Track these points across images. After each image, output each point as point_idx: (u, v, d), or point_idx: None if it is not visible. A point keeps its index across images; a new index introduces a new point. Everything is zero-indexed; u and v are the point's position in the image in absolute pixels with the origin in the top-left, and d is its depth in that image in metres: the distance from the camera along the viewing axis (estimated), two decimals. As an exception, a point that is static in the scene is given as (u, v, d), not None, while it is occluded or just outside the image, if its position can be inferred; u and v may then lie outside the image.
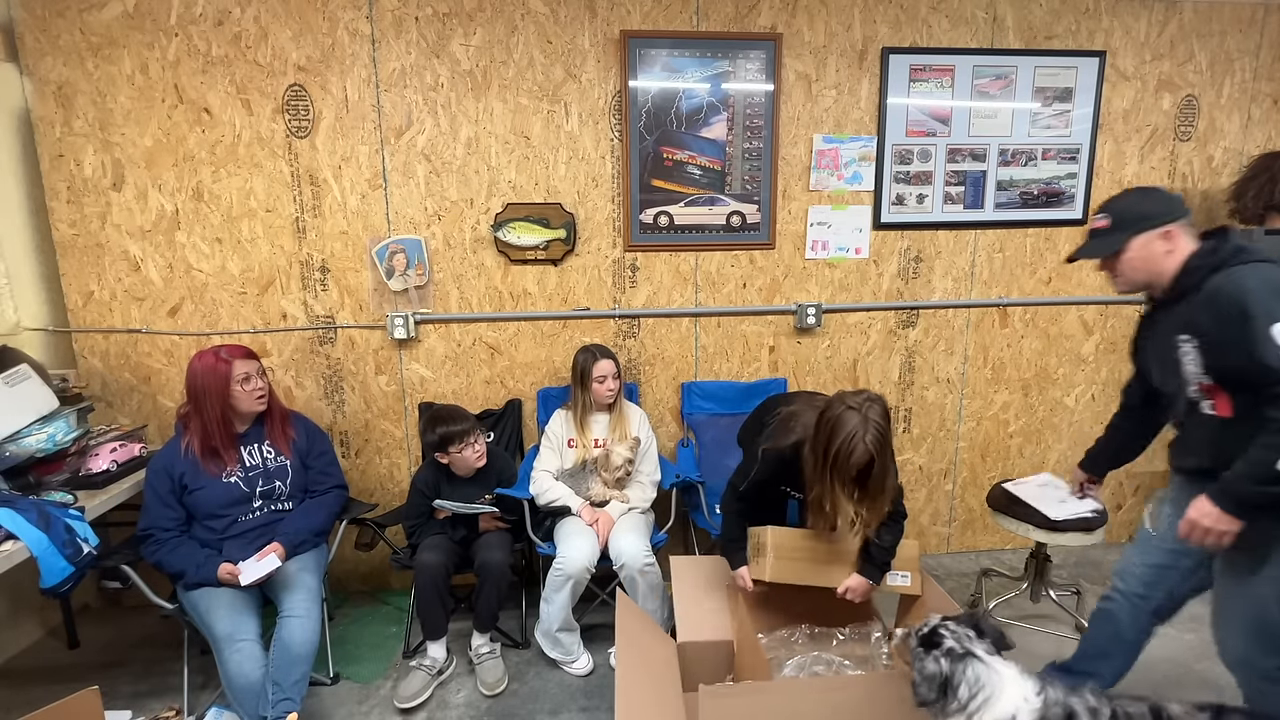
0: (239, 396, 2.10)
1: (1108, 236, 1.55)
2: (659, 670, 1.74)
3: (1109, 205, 1.59)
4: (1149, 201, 1.54)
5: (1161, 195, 1.56)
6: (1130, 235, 1.52)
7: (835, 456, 1.64)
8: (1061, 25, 2.76)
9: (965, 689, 1.21)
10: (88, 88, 2.40)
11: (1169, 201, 1.54)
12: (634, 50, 2.55)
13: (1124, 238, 1.53)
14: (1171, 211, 1.51)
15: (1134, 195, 1.58)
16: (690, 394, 2.82)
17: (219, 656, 1.90)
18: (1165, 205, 1.52)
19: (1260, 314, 1.34)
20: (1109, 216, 1.57)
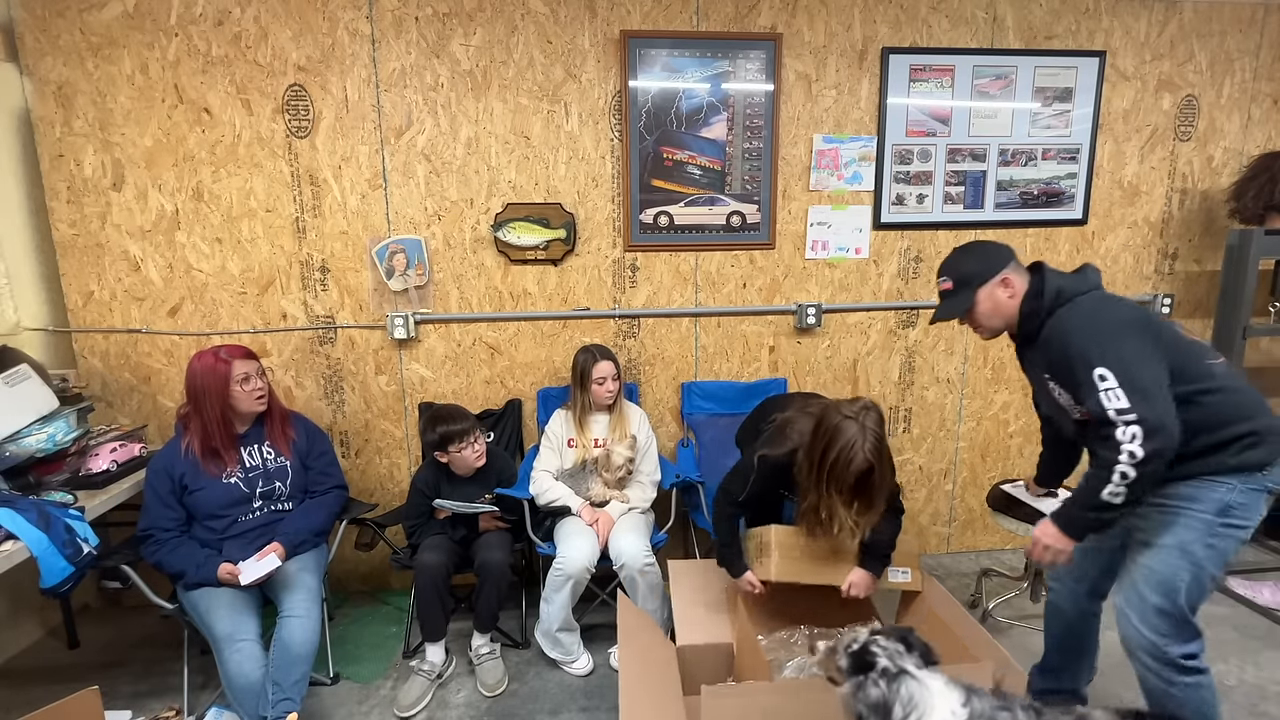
0: (238, 397, 2.10)
1: (956, 296, 1.66)
2: (660, 673, 1.73)
3: (946, 268, 1.70)
4: (979, 257, 1.66)
5: (988, 248, 1.68)
6: (974, 290, 1.64)
7: (833, 466, 1.66)
8: (1061, 25, 2.76)
9: (899, 709, 1.18)
10: (88, 88, 2.40)
11: (996, 252, 1.66)
12: (634, 50, 2.55)
13: (970, 294, 1.64)
14: (1001, 259, 1.64)
15: (964, 255, 1.70)
16: (690, 394, 2.82)
17: (219, 656, 1.90)
18: (995, 256, 1.65)
19: (1080, 361, 1.44)
20: (949, 279, 1.68)
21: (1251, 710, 2.09)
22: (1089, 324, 1.48)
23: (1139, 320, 1.49)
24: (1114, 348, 1.42)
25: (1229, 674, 2.25)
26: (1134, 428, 1.36)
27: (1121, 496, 1.39)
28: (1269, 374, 3.15)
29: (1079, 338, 1.47)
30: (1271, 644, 2.42)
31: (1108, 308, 1.52)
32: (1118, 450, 1.37)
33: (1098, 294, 1.56)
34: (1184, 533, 1.51)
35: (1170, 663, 1.54)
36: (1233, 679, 2.23)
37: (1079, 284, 1.57)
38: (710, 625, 1.98)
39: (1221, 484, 1.47)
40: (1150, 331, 1.48)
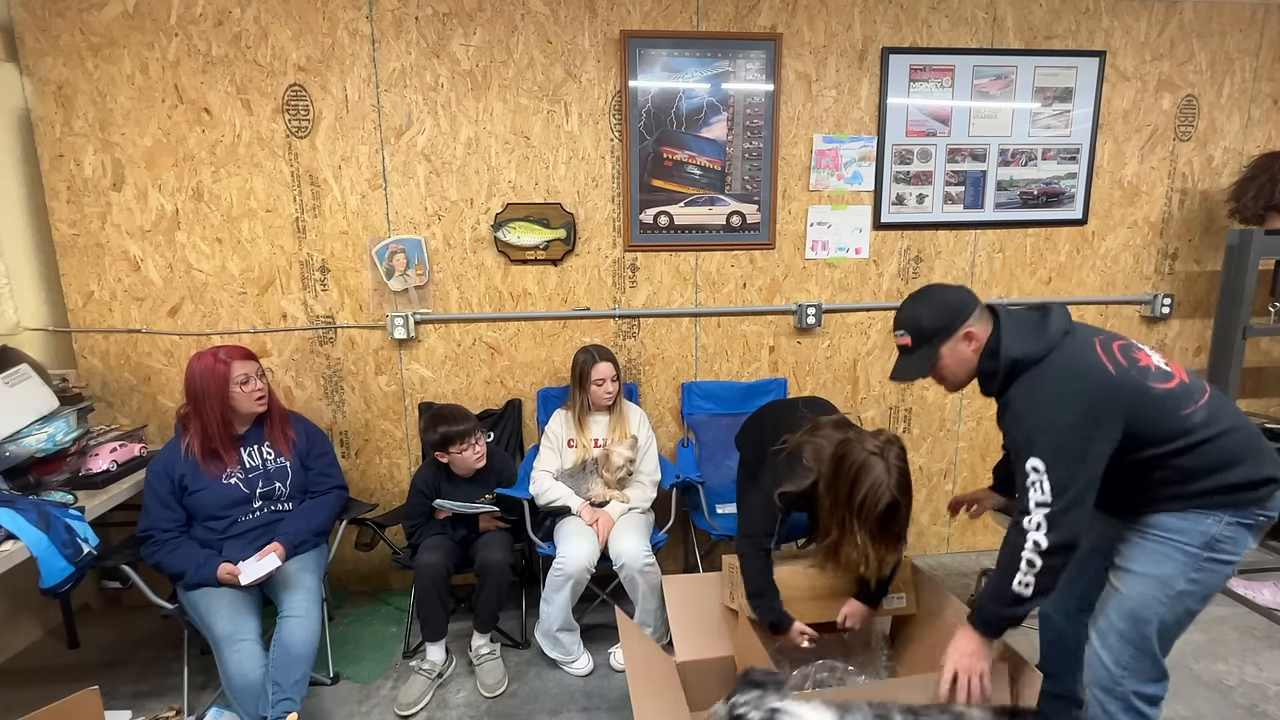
0: (238, 398, 2.10)
1: (917, 353, 1.55)
2: (665, 691, 1.73)
3: (903, 322, 1.57)
4: (940, 310, 1.52)
5: (949, 297, 1.54)
6: (937, 347, 1.52)
7: (860, 505, 1.60)
8: (1061, 25, 2.76)
9: None
10: (88, 88, 2.40)
11: (958, 301, 1.53)
12: (634, 50, 2.55)
13: (933, 351, 1.52)
14: (963, 311, 1.51)
15: (923, 306, 1.55)
16: (690, 394, 2.82)
17: (219, 656, 1.90)
18: (957, 307, 1.52)
19: (1022, 445, 1.40)
20: (908, 334, 1.56)
21: (1251, 710, 2.09)
22: (1038, 409, 1.40)
23: (1094, 403, 1.37)
24: (1055, 442, 1.36)
25: (1229, 674, 2.26)
26: (1043, 520, 1.35)
27: (1030, 587, 1.38)
28: (1269, 374, 3.16)
29: (1026, 423, 1.40)
30: (1271, 644, 2.42)
31: (1064, 385, 1.39)
32: (1024, 536, 1.38)
33: (1057, 362, 1.42)
34: (1166, 565, 1.44)
35: (1122, 698, 1.48)
36: (1233, 679, 2.23)
37: (1038, 345, 1.43)
38: (709, 640, 1.97)
39: (1209, 515, 1.41)
40: (1106, 415, 1.37)
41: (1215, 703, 2.12)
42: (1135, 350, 1.47)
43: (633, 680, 1.62)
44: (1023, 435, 1.41)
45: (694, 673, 1.89)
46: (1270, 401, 3.18)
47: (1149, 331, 3.06)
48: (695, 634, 1.98)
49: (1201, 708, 2.10)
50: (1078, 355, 1.43)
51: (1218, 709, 2.10)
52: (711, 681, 1.89)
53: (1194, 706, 2.10)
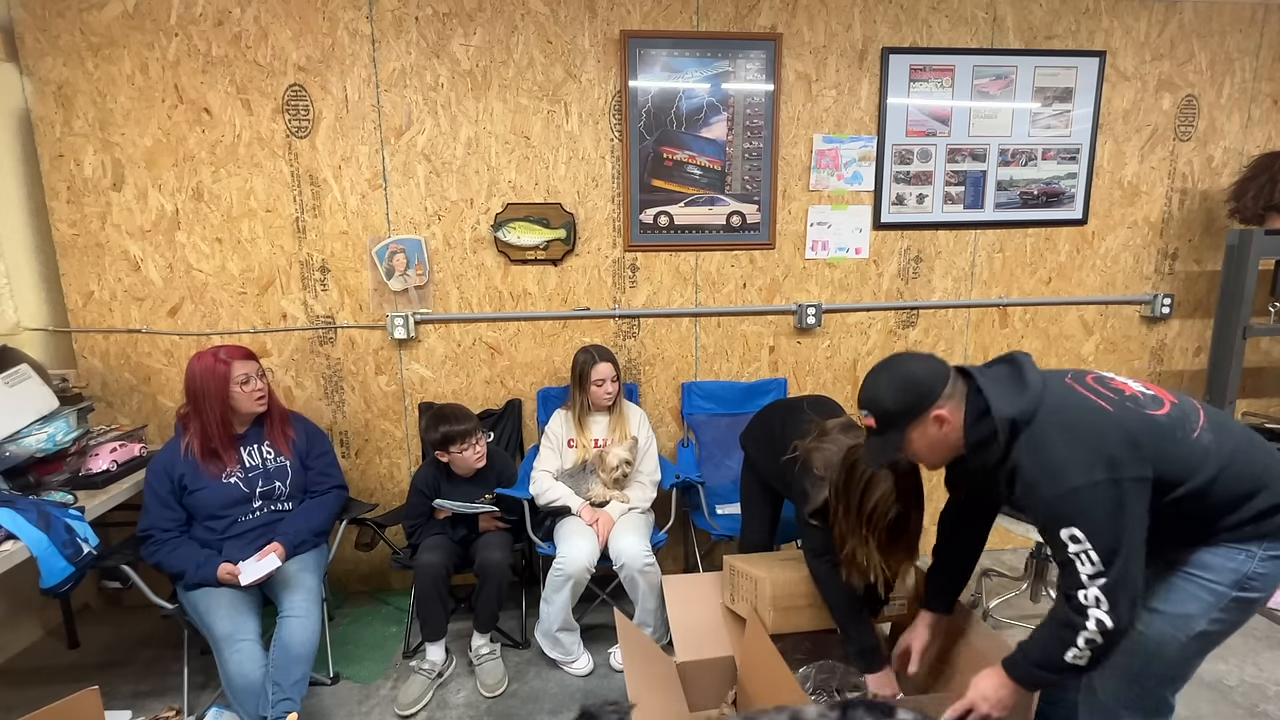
0: (238, 398, 2.10)
1: (884, 437, 1.41)
2: (665, 691, 1.73)
3: (867, 401, 1.42)
4: (905, 391, 1.36)
5: (915, 376, 1.37)
6: (904, 431, 1.38)
7: (871, 515, 1.58)
8: (1061, 25, 2.76)
9: None
10: (88, 88, 2.40)
11: (925, 380, 1.36)
12: (634, 50, 2.55)
13: (899, 435, 1.39)
14: (931, 391, 1.35)
15: (888, 385, 1.39)
16: (690, 394, 2.82)
17: (219, 656, 1.90)
18: (923, 388, 1.35)
19: (1048, 518, 1.26)
20: (873, 415, 1.41)
21: (1251, 710, 2.09)
22: (1053, 471, 1.24)
23: (1109, 447, 1.23)
24: (1086, 503, 1.21)
25: (1229, 674, 2.26)
26: (1101, 595, 1.21)
27: (1086, 660, 1.25)
28: (1269, 374, 3.16)
29: (1045, 490, 1.25)
30: (1271, 644, 2.42)
31: (1071, 436, 1.25)
32: (1083, 614, 1.23)
33: (1052, 414, 1.28)
34: (1190, 604, 1.32)
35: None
36: (1233, 679, 2.23)
37: (1026, 398, 1.29)
38: (709, 640, 1.96)
39: (1241, 550, 1.29)
40: (1126, 457, 1.23)
41: (1215, 703, 2.12)
42: (1111, 381, 1.37)
43: (631, 682, 1.62)
44: (1044, 504, 1.26)
45: (694, 673, 1.88)
46: (1270, 401, 3.17)
47: (1149, 331, 3.06)
48: (695, 634, 1.97)
49: (1201, 708, 2.10)
50: (1068, 401, 1.31)
51: (1218, 709, 2.10)
52: (712, 682, 1.89)
53: (1194, 706, 2.10)
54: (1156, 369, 3.10)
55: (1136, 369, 3.08)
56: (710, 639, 1.97)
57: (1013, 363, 1.39)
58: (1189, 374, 3.12)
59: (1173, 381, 3.12)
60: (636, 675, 1.65)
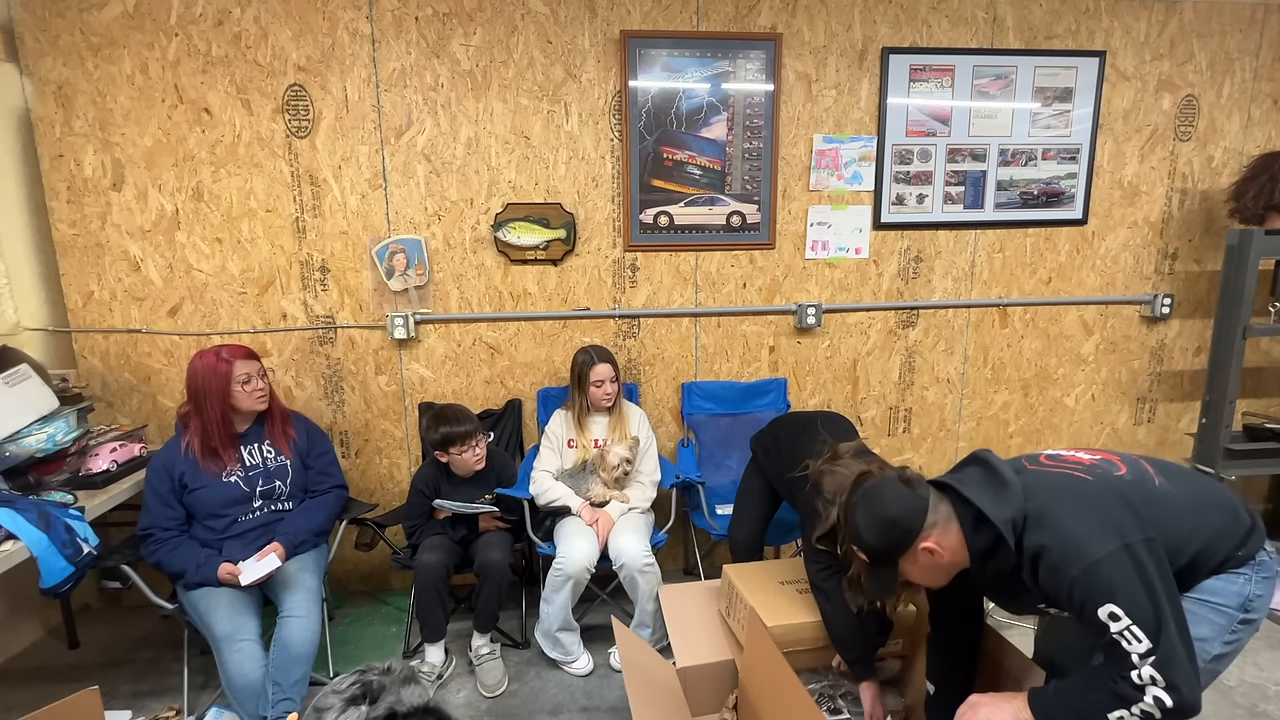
0: (239, 397, 2.10)
1: (878, 573, 1.39)
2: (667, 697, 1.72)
3: (854, 536, 1.40)
4: (887, 528, 1.34)
5: (894, 520, 1.33)
6: (894, 564, 1.37)
7: None
8: (1061, 25, 2.76)
9: None
10: (88, 88, 2.40)
11: (904, 516, 1.32)
12: (634, 50, 2.55)
13: (893, 570, 1.38)
14: (911, 526, 1.32)
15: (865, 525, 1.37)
16: (691, 394, 2.82)
17: (219, 656, 1.90)
18: (904, 525, 1.32)
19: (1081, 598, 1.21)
20: (864, 549, 1.39)
21: (1251, 710, 2.09)
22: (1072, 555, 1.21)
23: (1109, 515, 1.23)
24: (1114, 577, 1.18)
25: (1229, 674, 2.25)
26: (1156, 674, 1.15)
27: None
28: (1269, 374, 3.16)
29: (1073, 569, 1.21)
30: (1271, 644, 2.42)
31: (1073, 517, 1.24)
32: (1142, 693, 1.17)
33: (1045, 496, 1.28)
34: (1204, 628, 1.31)
35: None
36: (1233, 679, 2.23)
37: (1013, 498, 1.28)
38: (707, 644, 1.95)
39: (1240, 575, 1.32)
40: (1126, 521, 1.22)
41: (1215, 703, 2.12)
42: (1064, 456, 1.39)
43: (632, 688, 1.61)
44: (1074, 585, 1.21)
45: (694, 678, 1.87)
46: (1270, 401, 3.17)
47: (1149, 331, 3.06)
48: (694, 641, 1.96)
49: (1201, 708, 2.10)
50: (1049, 482, 1.32)
51: (1218, 709, 2.10)
52: (713, 686, 1.88)
53: (1194, 706, 2.10)
54: (1156, 369, 3.10)
55: (1136, 369, 3.09)
56: (709, 646, 1.96)
57: (981, 462, 1.38)
58: (1189, 374, 3.12)
59: (1173, 381, 3.13)
60: (637, 681, 1.65)
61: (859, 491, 1.42)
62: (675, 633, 1.98)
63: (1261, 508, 3.31)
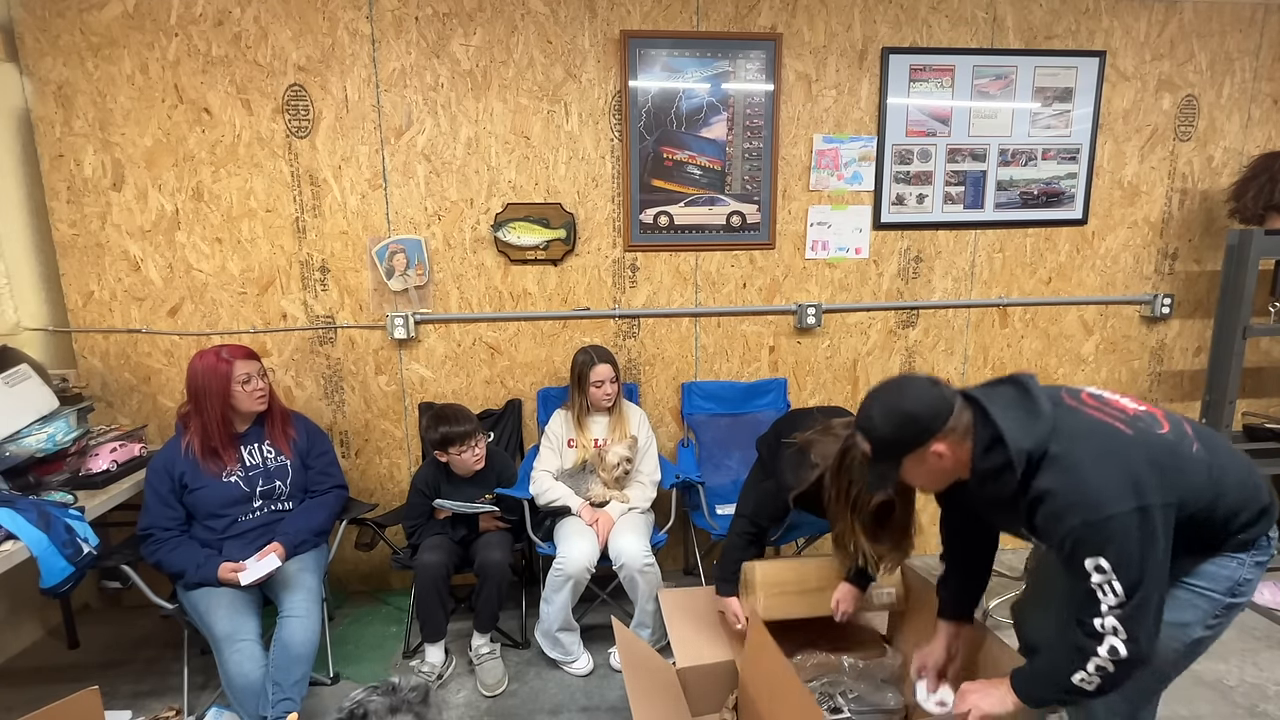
0: (239, 397, 2.10)
1: (879, 466, 1.37)
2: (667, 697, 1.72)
3: (862, 426, 1.36)
4: (900, 423, 1.31)
5: (915, 409, 1.30)
6: (897, 462, 1.34)
7: (856, 502, 1.59)
8: (1061, 25, 2.76)
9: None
10: (88, 88, 2.40)
11: (926, 412, 1.29)
12: (634, 50, 2.55)
13: (894, 466, 1.35)
14: (931, 425, 1.28)
15: (881, 415, 1.33)
16: (691, 394, 2.82)
17: (219, 656, 1.90)
18: (924, 420, 1.29)
19: (1074, 542, 1.22)
20: (869, 442, 1.36)
21: (1251, 710, 2.09)
22: (1083, 501, 1.20)
23: (1135, 474, 1.21)
24: (1115, 532, 1.18)
25: (1229, 674, 2.26)
26: (1119, 624, 1.19)
27: (1094, 685, 1.24)
28: (1269, 374, 3.16)
29: (1075, 518, 1.20)
30: (1271, 644, 2.42)
31: (1096, 464, 1.22)
32: (1099, 640, 1.21)
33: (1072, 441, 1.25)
34: (1187, 612, 1.33)
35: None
36: (1233, 679, 2.23)
37: (1041, 428, 1.26)
38: (708, 646, 1.96)
39: (1234, 559, 1.32)
40: (1151, 483, 1.20)
41: (1215, 703, 2.12)
42: (1110, 400, 1.34)
43: (632, 690, 1.61)
44: (1072, 533, 1.21)
45: (694, 678, 1.87)
46: (1270, 401, 3.17)
47: (1149, 331, 3.06)
48: (694, 643, 1.96)
49: (1201, 708, 2.10)
50: (1084, 425, 1.28)
51: (1218, 709, 2.10)
52: (713, 686, 1.88)
53: (1194, 706, 2.10)
54: (1156, 369, 3.10)
55: (1136, 369, 3.08)
56: (709, 647, 1.96)
57: (1018, 384, 1.34)
58: (1189, 374, 3.12)
59: (1173, 381, 3.12)
60: (637, 683, 1.64)
61: (882, 383, 1.39)
62: (675, 636, 1.98)
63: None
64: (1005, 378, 1.38)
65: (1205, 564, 1.32)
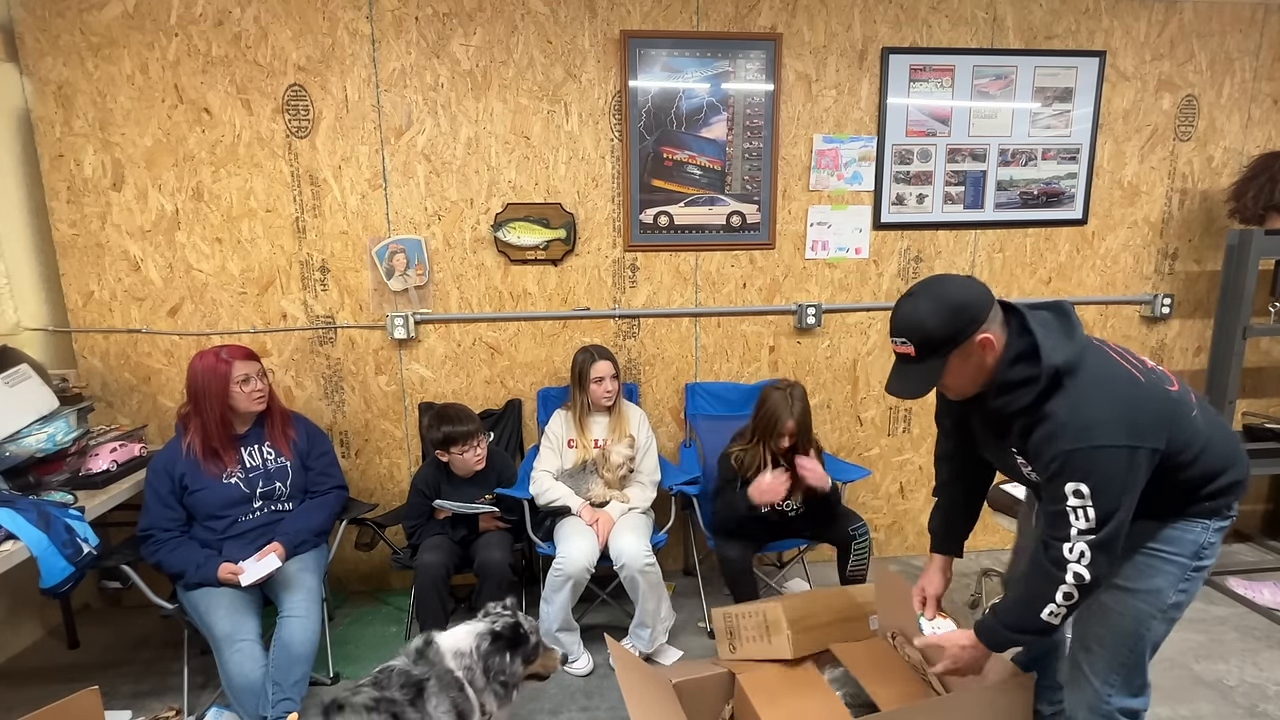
0: (238, 397, 2.10)
1: (920, 365, 1.32)
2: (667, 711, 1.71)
3: (906, 327, 1.32)
4: (950, 313, 1.28)
5: (961, 298, 1.30)
6: (945, 357, 1.30)
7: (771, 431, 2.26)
8: (1061, 25, 2.76)
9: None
10: (88, 88, 2.40)
11: (974, 301, 1.29)
12: (634, 50, 2.55)
13: (940, 364, 1.31)
14: (979, 314, 1.28)
15: (930, 308, 1.30)
16: (694, 395, 2.82)
17: (219, 656, 1.90)
18: (972, 310, 1.28)
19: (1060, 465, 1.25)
20: (910, 342, 1.31)
21: (1251, 710, 2.09)
22: (1084, 428, 1.24)
23: (1137, 416, 1.25)
24: (1102, 463, 1.23)
25: (1229, 674, 2.26)
26: (1086, 549, 1.24)
27: (1060, 617, 1.29)
28: (1269, 374, 3.16)
29: (1065, 441, 1.24)
30: (1271, 644, 2.42)
31: (1107, 398, 1.26)
32: (1063, 567, 1.26)
33: (1094, 372, 1.28)
34: (1159, 579, 1.39)
35: (1107, 716, 1.45)
36: (1233, 679, 2.23)
37: (1072, 351, 1.28)
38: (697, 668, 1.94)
39: (1198, 524, 1.37)
40: (1149, 429, 1.25)
41: (1215, 703, 2.12)
42: (1130, 353, 1.38)
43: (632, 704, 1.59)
44: (1061, 456, 1.25)
45: (690, 691, 1.85)
46: (1270, 401, 3.17)
47: (1149, 331, 3.06)
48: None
49: (1201, 708, 2.10)
50: (1107, 364, 1.31)
51: (1218, 709, 2.10)
52: (707, 699, 1.86)
53: (1194, 706, 2.10)
54: (1156, 369, 3.10)
55: (1136, 369, 3.08)
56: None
57: (1061, 311, 1.35)
58: (1189, 374, 3.12)
59: (1173, 381, 3.12)
60: (636, 698, 1.62)
61: (918, 284, 1.36)
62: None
63: (1262, 508, 3.31)
64: (1049, 302, 1.39)
65: (1169, 529, 1.38)
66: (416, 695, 1.46)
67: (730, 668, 1.90)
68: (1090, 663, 1.46)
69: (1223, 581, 2.77)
